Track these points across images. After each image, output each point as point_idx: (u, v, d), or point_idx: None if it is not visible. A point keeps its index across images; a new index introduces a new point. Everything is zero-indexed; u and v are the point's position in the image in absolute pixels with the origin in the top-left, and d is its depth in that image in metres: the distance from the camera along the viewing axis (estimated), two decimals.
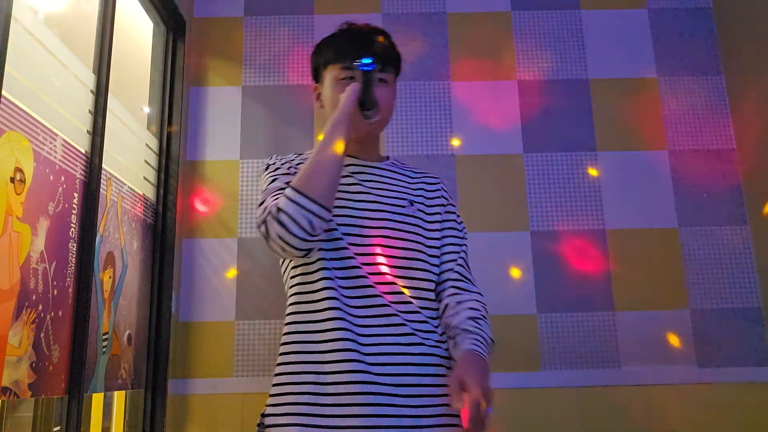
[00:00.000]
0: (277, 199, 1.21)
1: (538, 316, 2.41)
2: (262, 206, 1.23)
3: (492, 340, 1.30)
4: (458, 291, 1.33)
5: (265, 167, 1.37)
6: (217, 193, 2.52)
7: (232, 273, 2.44)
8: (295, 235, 1.14)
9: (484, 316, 1.31)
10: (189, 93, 2.61)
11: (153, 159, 2.35)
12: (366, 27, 1.40)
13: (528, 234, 2.49)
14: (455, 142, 2.58)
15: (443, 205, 1.41)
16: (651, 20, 2.73)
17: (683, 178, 2.56)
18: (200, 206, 2.52)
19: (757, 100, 2.46)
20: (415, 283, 1.28)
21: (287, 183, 1.26)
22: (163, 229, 2.33)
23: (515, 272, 2.46)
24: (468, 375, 1.13)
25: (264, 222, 1.18)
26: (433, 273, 1.33)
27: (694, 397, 2.32)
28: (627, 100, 2.64)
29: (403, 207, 1.33)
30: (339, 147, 1.21)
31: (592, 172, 2.55)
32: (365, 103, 1.26)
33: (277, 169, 1.33)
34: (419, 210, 1.35)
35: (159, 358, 2.23)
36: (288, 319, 1.28)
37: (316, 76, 1.43)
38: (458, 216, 1.43)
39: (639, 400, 2.32)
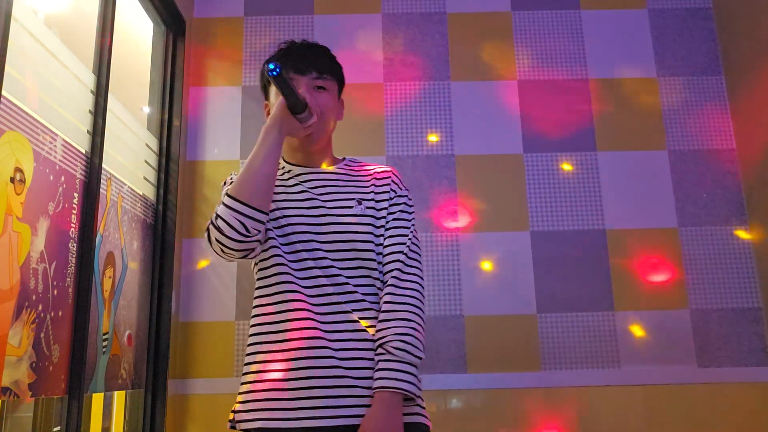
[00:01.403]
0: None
1: (538, 316, 2.41)
2: None
3: (420, 357, 1.28)
4: (395, 292, 1.32)
5: (223, 183, 1.43)
6: (217, 193, 2.52)
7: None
8: (230, 237, 1.23)
9: (415, 329, 1.29)
10: (189, 93, 2.61)
11: (153, 159, 2.35)
12: (303, 42, 1.46)
13: (528, 234, 2.49)
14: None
15: (391, 198, 1.43)
16: (651, 20, 2.73)
17: (683, 178, 2.56)
18: (200, 206, 2.52)
19: (757, 100, 2.46)
20: (365, 281, 1.34)
21: None
22: (163, 229, 2.33)
23: (515, 272, 2.46)
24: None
25: (207, 229, 1.28)
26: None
27: (694, 397, 2.32)
28: (627, 100, 2.64)
29: (351, 207, 1.38)
30: (269, 152, 1.28)
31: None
32: (293, 107, 1.29)
33: (232, 183, 1.38)
34: (369, 207, 1.40)
35: (159, 358, 2.23)
36: (252, 320, 1.35)
37: (266, 95, 1.49)
38: (408, 201, 1.45)
39: (639, 400, 2.32)
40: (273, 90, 1.43)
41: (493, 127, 2.61)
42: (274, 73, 1.23)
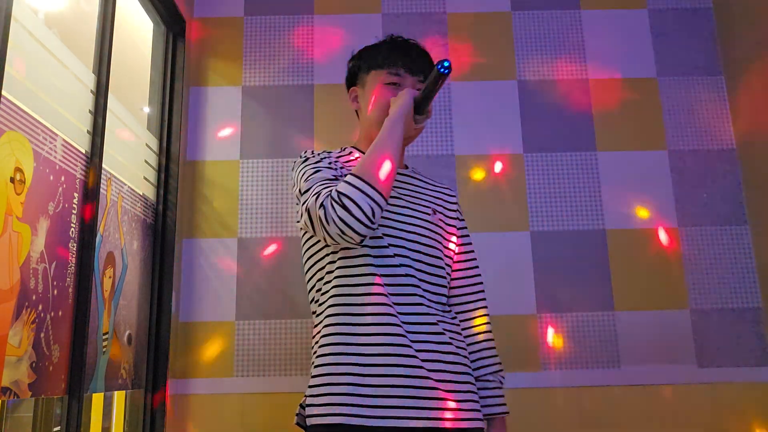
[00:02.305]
0: (328, 187, 1.23)
1: (538, 316, 2.41)
2: (309, 193, 1.26)
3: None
4: (490, 322, 1.48)
5: (303, 159, 1.38)
6: (217, 193, 2.52)
7: None
8: (357, 219, 1.18)
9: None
10: (189, 93, 2.61)
11: (153, 159, 2.35)
12: (410, 41, 1.46)
13: (528, 234, 2.49)
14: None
15: (460, 219, 1.51)
16: (651, 20, 2.73)
17: (683, 178, 2.56)
18: (200, 206, 2.52)
19: (757, 100, 2.46)
20: (436, 288, 1.36)
21: (335, 176, 1.30)
22: (163, 229, 2.33)
23: (515, 272, 2.45)
24: None
25: (322, 206, 1.20)
26: (446, 279, 1.41)
27: (694, 397, 2.32)
28: (627, 100, 2.64)
29: (428, 215, 1.40)
30: (396, 143, 1.27)
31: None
32: (421, 106, 1.30)
33: (318, 161, 1.35)
34: (440, 219, 1.42)
35: (159, 358, 2.23)
36: (329, 311, 1.30)
37: (353, 80, 1.48)
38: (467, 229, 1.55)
39: (639, 400, 2.32)
40: (370, 78, 1.42)
41: (493, 127, 2.61)
42: (447, 71, 1.25)
